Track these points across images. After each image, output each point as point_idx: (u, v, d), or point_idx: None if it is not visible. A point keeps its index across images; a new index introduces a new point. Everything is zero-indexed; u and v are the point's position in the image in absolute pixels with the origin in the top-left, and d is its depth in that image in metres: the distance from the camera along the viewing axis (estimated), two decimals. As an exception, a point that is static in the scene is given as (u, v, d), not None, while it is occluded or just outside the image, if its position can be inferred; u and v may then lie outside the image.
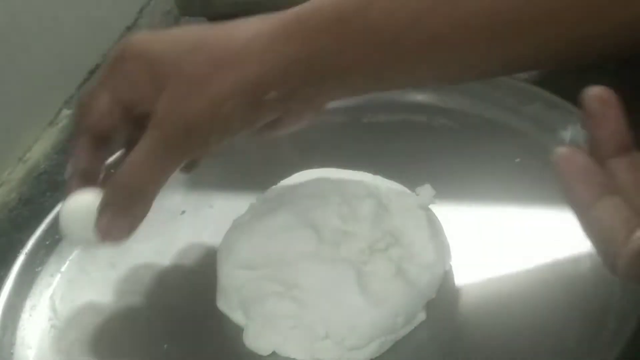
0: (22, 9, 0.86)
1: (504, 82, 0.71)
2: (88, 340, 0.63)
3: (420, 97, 0.74)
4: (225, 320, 0.61)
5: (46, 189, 0.83)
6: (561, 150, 0.38)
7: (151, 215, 0.72)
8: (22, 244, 0.70)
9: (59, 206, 0.72)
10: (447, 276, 0.60)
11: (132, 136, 0.57)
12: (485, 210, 0.64)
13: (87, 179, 0.58)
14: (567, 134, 0.66)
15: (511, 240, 0.62)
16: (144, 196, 0.55)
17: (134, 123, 0.56)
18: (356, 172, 0.63)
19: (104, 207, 0.55)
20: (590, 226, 0.38)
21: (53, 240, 0.70)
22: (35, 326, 0.65)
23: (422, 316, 0.57)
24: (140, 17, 1.00)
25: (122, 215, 0.55)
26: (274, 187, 0.64)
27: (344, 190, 0.60)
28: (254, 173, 0.72)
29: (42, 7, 0.88)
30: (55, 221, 0.71)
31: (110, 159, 0.60)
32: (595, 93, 0.38)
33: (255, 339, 0.58)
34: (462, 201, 0.65)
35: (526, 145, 0.67)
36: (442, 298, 0.59)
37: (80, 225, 0.58)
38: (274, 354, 0.58)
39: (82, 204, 0.58)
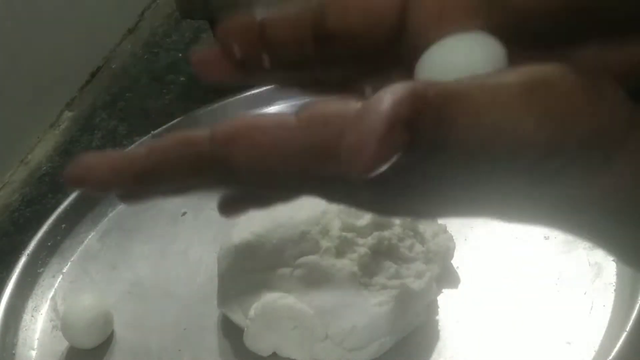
0: (24, 12, 0.86)
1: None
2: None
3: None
4: (226, 320, 0.61)
5: (48, 190, 0.83)
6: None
7: (152, 216, 0.73)
8: (24, 245, 0.70)
9: (60, 208, 0.72)
10: (446, 277, 0.60)
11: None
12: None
13: None
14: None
15: (512, 240, 0.62)
16: None
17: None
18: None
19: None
20: None
21: (55, 241, 0.71)
22: (37, 327, 0.65)
23: (421, 317, 0.57)
24: (142, 20, 1.01)
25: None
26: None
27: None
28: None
29: (44, 10, 0.88)
30: (57, 222, 0.72)
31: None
32: None
33: (256, 340, 0.58)
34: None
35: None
36: (442, 299, 0.59)
37: (79, 329, 0.62)
38: (274, 354, 0.58)
39: (80, 309, 0.62)
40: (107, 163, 0.32)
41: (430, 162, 0.30)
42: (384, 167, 0.28)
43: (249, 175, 0.30)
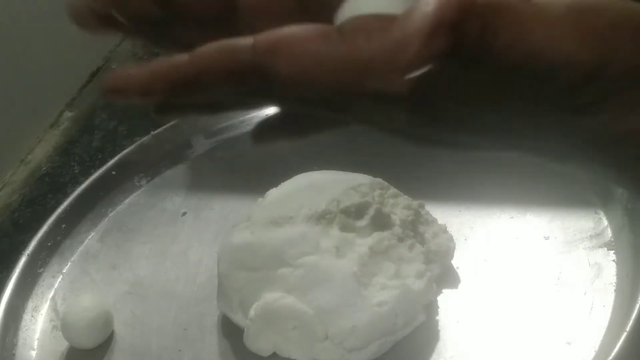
0: (24, 12, 0.86)
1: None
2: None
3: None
4: (226, 320, 0.61)
5: (48, 190, 0.83)
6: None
7: (152, 216, 0.73)
8: (24, 245, 0.70)
9: (60, 208, 0.72)
10: (446, 277, 0.60)
11: None
12: (487, 212, 0.64)
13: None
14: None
15: (512, 240, 0.62)
16: None
17: None
18: (356, 174, 0.63)
19: None
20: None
21: (55, 241, 0.71)
22: (37, 327, 0.65)
23: (421, 317, 0.57)
24: (142, 20, 1.00)
25: None
26: (274, 189, 0.64)
27: (343, 193, 0.60)
28: (255, 175, 0.72)
29: (43, 10, 0.88)
30: (57, 222, 0.72)
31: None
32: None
33: (256, 340, 0.58)
34: (462, 203, 0.65)
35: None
36: (442, 299, 0.59)
37: (79, 329, 0.62)
38: (274, 354, 0.58)
39: (80, 309, 0.62)
40: (149, 68, 0.31)
41: (469, 75, 0.30)
42: (423, 69, 0.28)
43: (289, 88, 0.30)
